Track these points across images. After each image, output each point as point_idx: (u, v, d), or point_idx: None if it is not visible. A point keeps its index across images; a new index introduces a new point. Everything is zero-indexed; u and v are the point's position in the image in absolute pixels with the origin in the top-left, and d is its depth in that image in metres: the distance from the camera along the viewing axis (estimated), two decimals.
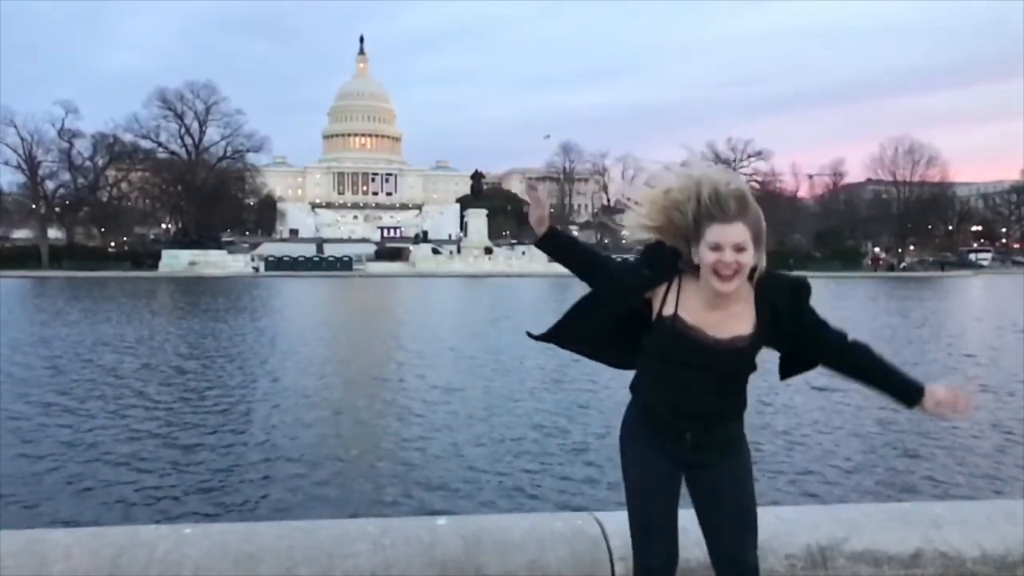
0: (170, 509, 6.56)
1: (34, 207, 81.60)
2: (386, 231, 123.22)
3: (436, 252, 78.17)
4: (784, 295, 2.13)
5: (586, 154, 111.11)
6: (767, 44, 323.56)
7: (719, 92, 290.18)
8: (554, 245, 2.27)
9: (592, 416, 10.16)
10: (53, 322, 23.60)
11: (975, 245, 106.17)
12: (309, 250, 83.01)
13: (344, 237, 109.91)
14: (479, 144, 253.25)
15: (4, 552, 2.35)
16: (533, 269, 64.26)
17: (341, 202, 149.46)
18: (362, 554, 2.46)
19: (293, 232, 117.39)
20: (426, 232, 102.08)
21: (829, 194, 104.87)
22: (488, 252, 76.87)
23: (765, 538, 2.31)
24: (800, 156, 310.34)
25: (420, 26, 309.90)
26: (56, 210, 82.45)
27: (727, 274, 2.03)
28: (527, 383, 12.82)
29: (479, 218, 79.81)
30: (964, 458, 8.13)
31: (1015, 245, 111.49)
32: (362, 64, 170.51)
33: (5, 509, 6.44)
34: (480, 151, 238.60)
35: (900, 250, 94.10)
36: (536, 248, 2.30)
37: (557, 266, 2.37)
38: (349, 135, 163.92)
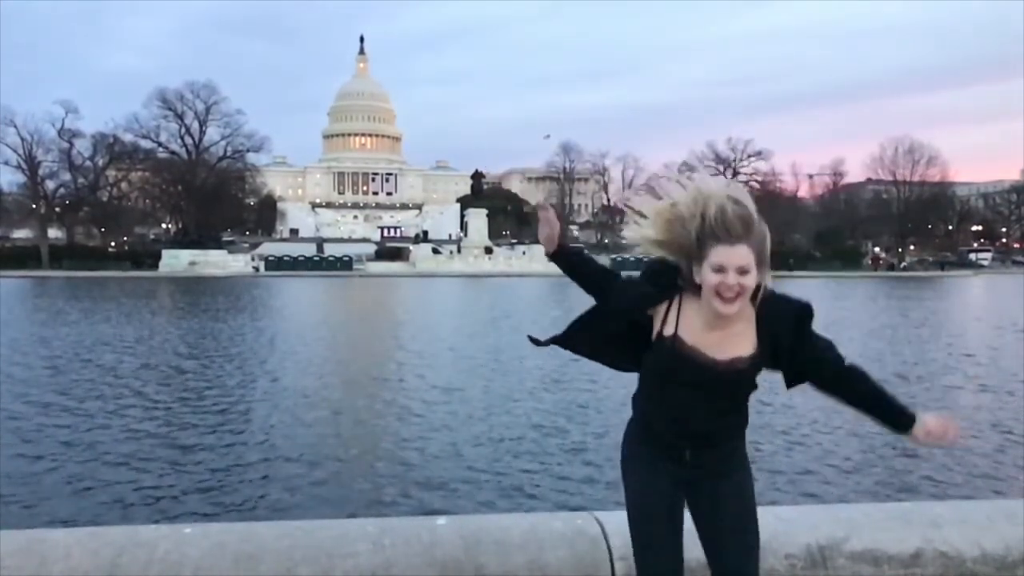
0: (169, 509, 6.57)
1: (34, 207, 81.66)
2: (386, 231, 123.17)
3: (436, 252, 78.13)
4: (787, 326, 2.10)
5: (586, 154, 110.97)
6: (767, 44, 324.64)
7: (719, 92, 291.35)
8: (563, 263, 2.28)
9: (591, 416, 10.16)
10: (53, 322, 23.61)
11: (975, 245, 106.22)
12: (309, 250, 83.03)
13: (344, 237, 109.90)
14: (479, 144, 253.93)
15: (4, 552, 2.35)
16: (533, 269, 64.30)
17: (341, 202, 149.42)
18: (362, 554, 2.45)
19: (293, 232, 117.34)
20: (426, 232, 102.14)
21: (829, 194, 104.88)
22: (488, 252, 76.87)
23: (765, 538, 2.31)
24: (800, 156, 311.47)
25: (420, 26, 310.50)
26: (56, 210, 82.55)
27: (730, 296, 2.00)
28: (526, 383, 12.82)
29: (479, 218, 79.81)
30: (963, 458, 8.12)
31: (1015, 245, 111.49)
32: (362, 64, 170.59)
33: (5, 509, 6.44)
34: (480, 151, 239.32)
35: (900, 250, 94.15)
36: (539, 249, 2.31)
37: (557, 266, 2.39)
38: (349, 135, 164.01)
